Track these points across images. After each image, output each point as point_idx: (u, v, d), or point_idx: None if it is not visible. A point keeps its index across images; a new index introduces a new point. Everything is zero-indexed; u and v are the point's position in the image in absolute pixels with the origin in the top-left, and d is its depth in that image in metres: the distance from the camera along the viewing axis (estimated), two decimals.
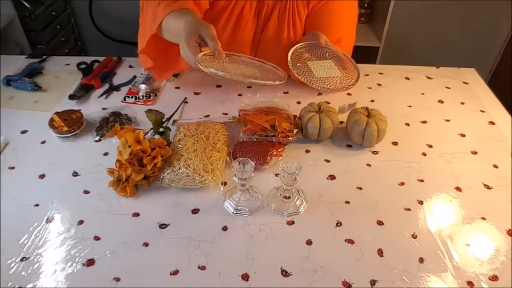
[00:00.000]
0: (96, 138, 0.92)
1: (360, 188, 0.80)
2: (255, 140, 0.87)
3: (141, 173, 0.77)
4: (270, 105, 0.96)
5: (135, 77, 1.13)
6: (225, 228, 0.72)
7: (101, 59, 1.20)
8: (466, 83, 1.13)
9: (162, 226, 0.73)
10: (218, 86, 1.09)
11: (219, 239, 0.71)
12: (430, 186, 0.81)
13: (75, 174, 0.83)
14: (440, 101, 1.05)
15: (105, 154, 0.88)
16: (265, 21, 1.00)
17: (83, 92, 1.05)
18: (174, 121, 0.95)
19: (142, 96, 1.05)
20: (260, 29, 1.03)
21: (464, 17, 2.20)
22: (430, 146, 0.91)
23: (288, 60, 0.99)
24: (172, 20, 0.86)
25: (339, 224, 0.73)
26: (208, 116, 0.98)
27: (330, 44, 1.02)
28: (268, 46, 1.04)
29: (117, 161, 0.80)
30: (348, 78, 1.02)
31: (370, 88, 1.10)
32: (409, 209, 0.76)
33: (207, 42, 0.80)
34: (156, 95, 1.06)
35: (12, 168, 0.85)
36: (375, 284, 0.64)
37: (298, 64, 1.01)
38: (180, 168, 0.78)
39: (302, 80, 1.00)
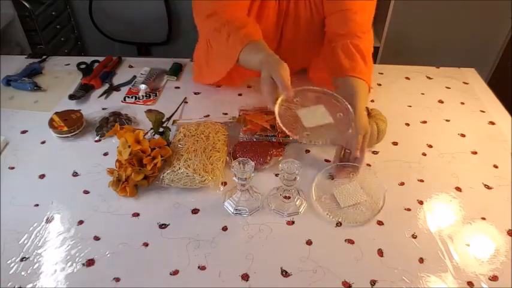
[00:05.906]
0: (96, 138, 0.92)
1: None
2: (255, 140, 0.87)
3: (141, 173, 0.77)
4: None
5: (135, 77, 1.13)
6: (225, 228, 0.72)
7: (100, 59, 1.20)
8: (466, 83, 1.13)
9: (162, 226, 0.73)
10: (218, 86, 1.09)
11: (219, 239, 0.70)
12: (430, 186, 0.81)
13: (75, 174, 0.83)
14: (440, 101, 1.05)
15: (105, 154, 0.88)
16: (287, 4, 0.96)
17: (83, 92, 1.05)
18: (174, 121, 0.95)
19: (142, 96, 1.05)
20: (282, 18, 0.97)
21: (464, 17, 2.20)
22: (430, 146, 0.90)
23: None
24: (245, 56, 0.83)
25: (339, 224, 0.73)
26: (208, 116, 0.98)
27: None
28: (291, 29, 0.99)
29: (117, 161, 0.80)
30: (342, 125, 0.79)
31: (370, 88, 1.09)
32: (409, 209, 0.76)
33: (278, 86, 0.75)
34: (156, 95, 1.06)
35: (12, 168, 0.85)
36: (375, 284, 0.64)
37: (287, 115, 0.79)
38: (180, 168, 0.78)
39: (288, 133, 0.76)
